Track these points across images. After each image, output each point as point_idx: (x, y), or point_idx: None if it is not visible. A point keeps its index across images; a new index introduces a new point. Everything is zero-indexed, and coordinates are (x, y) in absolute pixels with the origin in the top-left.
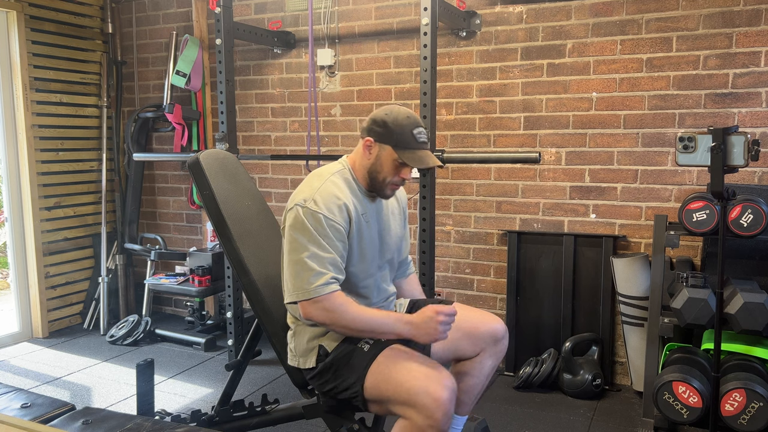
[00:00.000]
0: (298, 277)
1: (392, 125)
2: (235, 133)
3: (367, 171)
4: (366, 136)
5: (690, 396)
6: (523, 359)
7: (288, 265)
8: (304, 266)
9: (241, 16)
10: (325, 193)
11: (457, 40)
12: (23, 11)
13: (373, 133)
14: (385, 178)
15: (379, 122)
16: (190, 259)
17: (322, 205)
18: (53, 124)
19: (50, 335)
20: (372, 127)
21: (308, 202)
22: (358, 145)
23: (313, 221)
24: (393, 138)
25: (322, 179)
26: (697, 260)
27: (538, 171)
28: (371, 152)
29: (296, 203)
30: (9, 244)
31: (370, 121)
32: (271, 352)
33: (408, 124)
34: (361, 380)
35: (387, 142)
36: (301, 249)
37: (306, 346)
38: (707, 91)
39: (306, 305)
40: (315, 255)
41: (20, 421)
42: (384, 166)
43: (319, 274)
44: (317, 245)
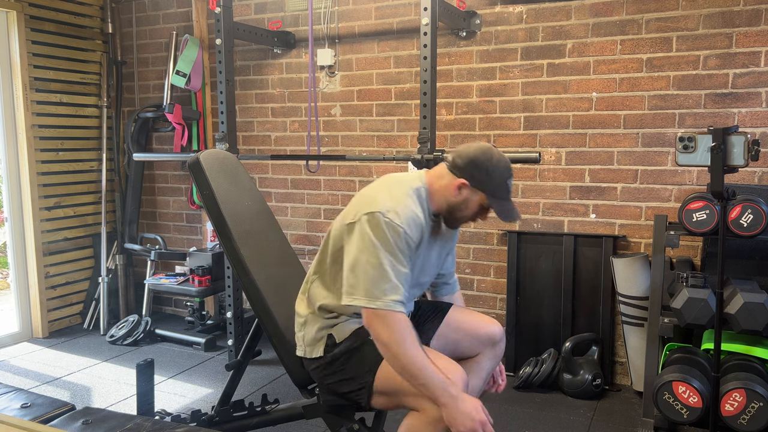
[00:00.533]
0: (373, 282)
1: (493, 175)
2: (235, 133)
3: (448, 205)
4: (461, 177)
5: (690, 396)
6: (523, 359)
7: (360, 265)
8: (383, 273)
9: (241, 16)
10: (407, 208)
11: (457, 40)
12: (23, 11)
13: (471, 177)
14: (463, 217)
15: (480, 168)
16: (190, 259)
17: (404, 219)
18: (53, 124)
19: (50, 335)
20: (471, 171)
21: (390, 213)
22: (447, 179)
23: (393, 233)
24: (490, 187)
25: (403, 191)
26: (697, 260)
27: (538, 171)
28: (461, 193)
29: (378, 211)
30: (9, 244)
31: (468, 162)
32: (271, 352)
33: (506, 174)
34: (373, 371)
35: (482, 189)
36: (378, 254)
37: (315, 336)
38: (707, 91)
39: (373, 313)
40: (393, 265)
41: (20, 421)
42: (470, 208)
43: (395, 287)
44: (394, 257)
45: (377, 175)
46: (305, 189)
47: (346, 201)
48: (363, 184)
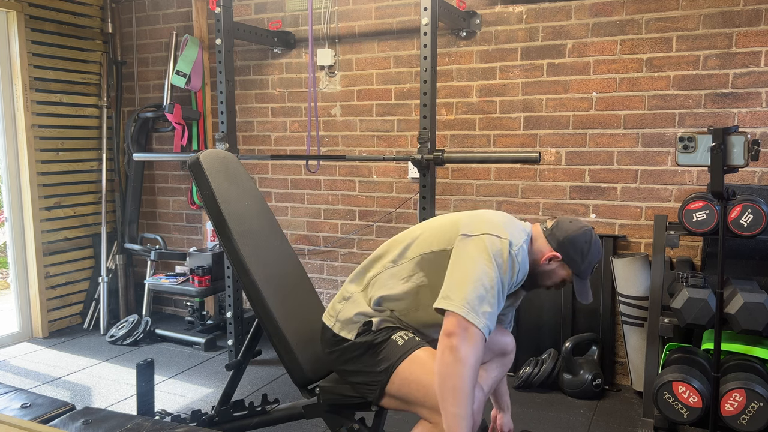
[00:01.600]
0: (479, 298)
1: (586, 258)
2: (235, 133)
3: (532, 270)
4: (556, 251)
5: (690, 396)
6: (523, 359)
7: (472, 278)
8: (491, 295)
9: (241, 16)
10: (524, 255)
11: (457, 40)
12: (23, 11)
13: (566, 255)
14: (543, 285)
15: (577, 249)
16: (190, 259)
17: (520, 261)
18: (53, 124)
19: (50, 335)
20: (567, 248)
21: (515, 248)
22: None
23: (511, 268)
24: (579, 268)
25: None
26: (697, 260)
27: (538, 171)
28: (550, 264)
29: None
30: (9, 244)
31: (568, 240)
32: (271, 352)
33: (597, 259)
34: (389, 372)
35: (571, 267)
36: (493, 276)
37: (352, 317)
38: (707, 91)
39: (465, 326)
40: (499, 293)
41: (20, 421)
42: (552, 279)
43: (493, 315)
44: (503, 288)
45: (377, 175)
46: (305, 189)
47: (346, 201)
48: (363, 184)
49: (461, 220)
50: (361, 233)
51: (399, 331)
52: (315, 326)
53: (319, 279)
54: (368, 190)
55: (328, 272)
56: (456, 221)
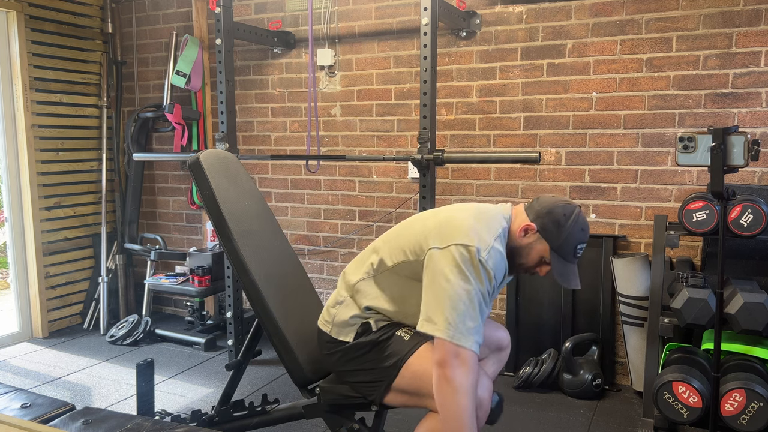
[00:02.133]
0: (461, 318)
1: (564, 230)
2: (235, 133)
3: (510, 249)
4: (532, 222)
5: (690, 396)
6: (523, 359)
7: (450, 297)
8: (472, 311)
9: (241, 16)
10: (497, 255)
11: (457, 40)
12: (23, 11)
13: (541, 225)
14: (522, 265)
15: (554, 220)
16: (190, 259)
17: (492, 266)
18: (53, 124)
19: (50, 335)
20: (544, 220)
21: (483, 253)
22: (521, 219)
23: (486, 274)
24: (556, 241)
25: (494, 232)
26: (697, 260)
27: (538, 171)
28: (527, 237)
29: (473, 246)
30: (9, 244)
31: (545, 212)
32: (271, 352)
33: (578, 237)
34: (398, 367)
35: (548, 240)
36: (470, 290)
37: (347, 320)
38: (707, 91)
39: (455, 352)
40: (481, 305)
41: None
42: (530, 255)
43: (479, 329)
44: (483, 298)
45: (377, 175)
46: (305, 189)
47: (346, 201)
48: (363, 184)
49: (430, 229)
50: (361, 233)
51: (401, 328)
52: (315, 326)
53: (319, 279)
54: (368, 190)
55: (328, 272)
56: (426, 229)
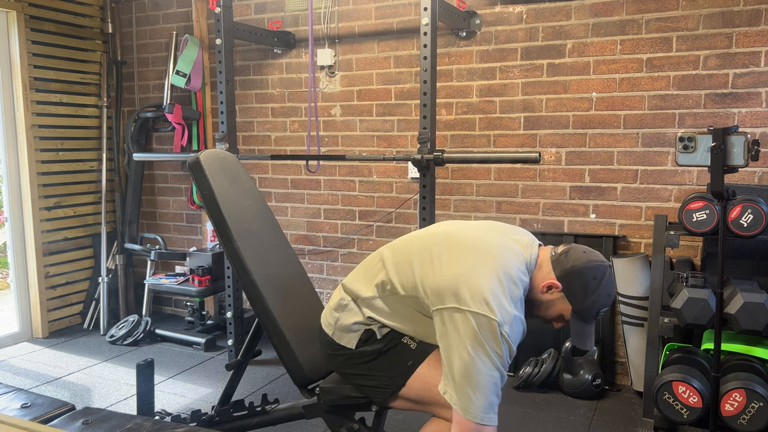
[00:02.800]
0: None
1: (592, 296)
2: (235, 133)
3: (532, 301)
4: (558, 281)
5: (690, 396)
6: (523, 359)
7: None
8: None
9: (241, 16)
10: (517, 325)
11: (457, 40)
12: (23, 11)
13: (567, 286)
14: (538, 316)
15: (582, 285)
16: (190, 259)
17: (513, 338)
18: (53, 124)
19: (50, 335)
20: (572, 281)
21: (505, 327)
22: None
23: (506, 349)
24: (581, 306)
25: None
26: (697, 260)
27: (538, 171)
28: (549, 294)
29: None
30: (9, 244)
31: (575, 273)
32: (271, 352)
33: (603, 302)
34: (405, 377)
35: (572, 302)
36: (490, 366)
37: (350, 326)
38: (707, 91)
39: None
40: (500, 379)
41: (20, 421)
42: (549, 311)
43: (495, 405)
44: (501, 373)
45: (377, 175)
46: (305, 189)
47: (346, 201)
48: (363, 184)
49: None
50: (361, 233)
51: (406, 336)
52: (315, 326)
53: (319, 279)
54: (368, 190)
55: (328, 272)
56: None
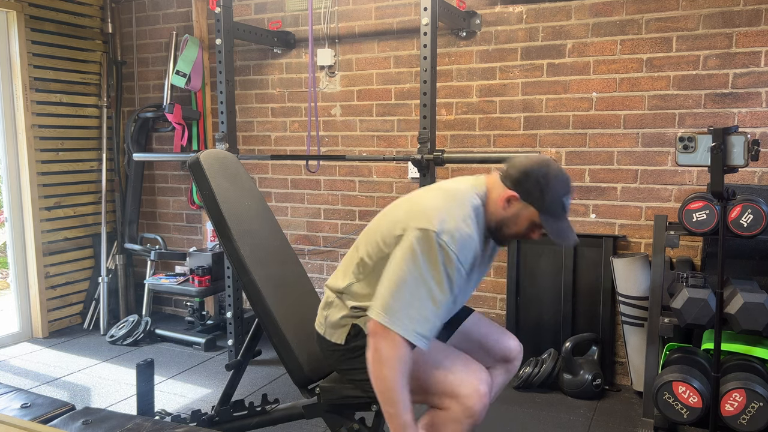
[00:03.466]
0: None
1: (546, 190)
2: (235, 133)
3: (497, 220)
4: (512, 189)
5: (690, 396)
6: (523, 359)
7: (398, 285)
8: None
9: (241, 16)
10: (463, 232)
11: (457, 40)
12: (23, 11)
13: (522, 190)
14: (513, 234)
15: (533, 181)
16: (190, 259)
17: (459, 245)
18: (53, 124)
19: (50, 335)
20: (523, 182)
21: (445, 235)
22: (499, 190)
23: (446, 259)
24: (542, 204)
25: (460, 208)
26: (697, 260)
27: None
28: (511, 206)
29: (432, 230)
30: (9, 244)
31: (522, 173)
32: (271, 352)
33: (563, 191)
34: None
35: (534, 204)
36: (421, 278)
37: (338, 321)
38: (707, 91)
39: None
40: (432, 293)
41: (20, 421)
42: (519, 224)
43: (424, 320)
44: (439, 285)
45: (377, 175)
46: (305, 189)
47: (346, 201)
48: (363, 184)
49: (401, 216)
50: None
51: None
52: (315, 326)
53: (319, 279)
54: (368, 190)
55: (328, 272)
56: (397, 216)
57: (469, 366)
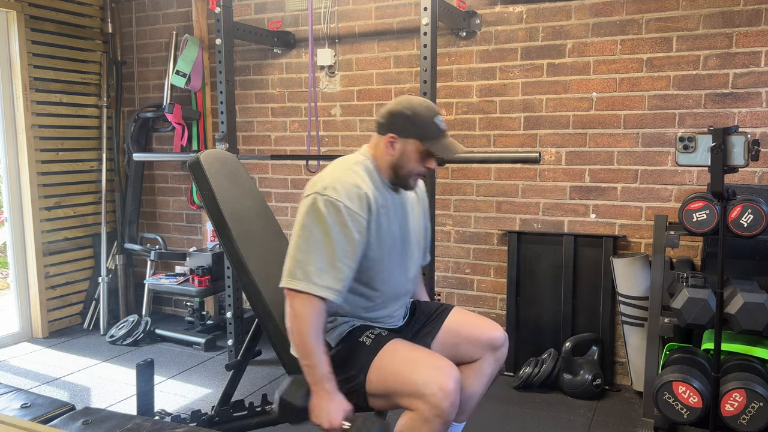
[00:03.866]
0: (300, 265)
1: (415, 119)
2: (235, 133)
3: (390, 166)
4: (387, 133)
5: (690, 396)
6: (523, 359)
7: (294, 250)
8: (314, 254)
9: (241, 16)
10: (346, 182)
11: (457, 40)
12: (23, 11)
13: (396, 128)
14: (411, 171)
15: (400, 117)
16: (190, 259)
17: (343, 194)
18: (53, 124)
19: (50, 335)
20: (393, 122)
21: (328, 189)
22: (378, 141)
23: (332, 210)
24: (418, 131)
25: (344, 168)
26: (697, 260)
27: (538, 171)
28: (395, 148)
29: (315, 191)
30: (9, 244)
31: (388, 116)
32: (271, 352)
33: (429, 114)
34: (363, 373)
35: (412, 136)
36: (313, 240)
37: None
38: (707, 91)
39: (291, 294)
40: (326, 248)
41: (20, 421)
42: (410, 159)
43: (322, 270)
44: (332, 239)
45: None
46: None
47: None
48: None
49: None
50: None
51: (363, 333)
52: None
53: None
54: None
55: None
56: None
57: (435, 364)
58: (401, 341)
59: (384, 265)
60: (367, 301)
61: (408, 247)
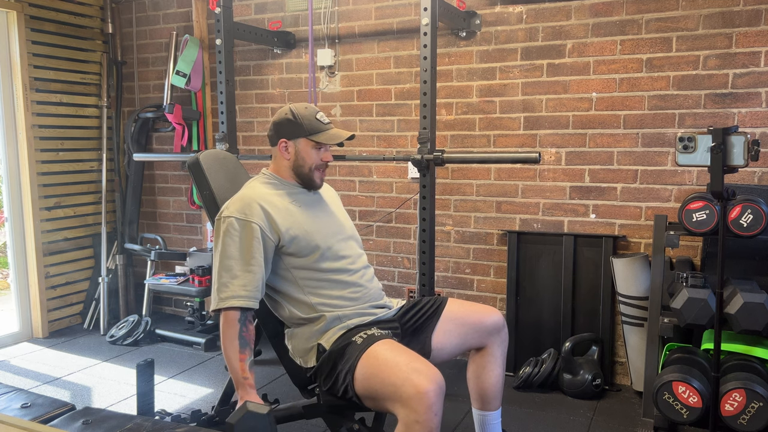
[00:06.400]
0: (215, 287)
1: (297, 119)
2: (235, 133)
3: (291, 169)
4: (278, 140)
5: (690, 396)
6: (523, 359)
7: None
8: (218, 278)
9: (241, 16)
10: (237, 199)
11: (457, 40)
12: (23, 11)
13: (284, 133)
14: (310, 167)
15: (283, 122)
16: (190, 259)
17: (233, 209)
18: (53, 124)
19: (50, 335)
20: (280, 129)
21: (223, 212)
22: (275, 153)
23: (226, 226)
24: (303, 129)
25: (242, 190)
26: (697, 260)
27: (538, 171)
28: (289, 151)
29: (222, 213)
30: (9, 244)
31: (274, 126)
32: (271, 352)
33: (309, 113)
34: (351, 372)
35: (299, 135)
36: (218, 260)
37: (305, 346)
38: (707, 91)
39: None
40: (226, 266)
41: (20, 421)
42: (306, 157)
43: (225, 285)
44: (229, 254)
45: (377, 175)
46: None
47: (346, 201)
48: (363, 184)
49: None
50: (361, 233)
51: (357, 334)
52: None
53: None
54: (368, 190)
55: None
56: None
57: (414, 366)
58: (390, 342)
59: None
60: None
61: (342, 228)
